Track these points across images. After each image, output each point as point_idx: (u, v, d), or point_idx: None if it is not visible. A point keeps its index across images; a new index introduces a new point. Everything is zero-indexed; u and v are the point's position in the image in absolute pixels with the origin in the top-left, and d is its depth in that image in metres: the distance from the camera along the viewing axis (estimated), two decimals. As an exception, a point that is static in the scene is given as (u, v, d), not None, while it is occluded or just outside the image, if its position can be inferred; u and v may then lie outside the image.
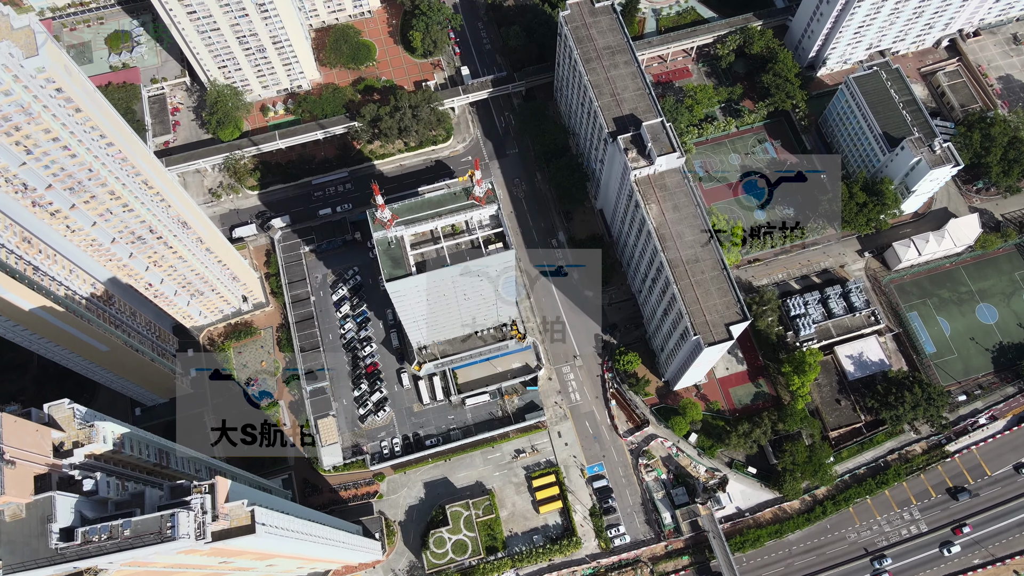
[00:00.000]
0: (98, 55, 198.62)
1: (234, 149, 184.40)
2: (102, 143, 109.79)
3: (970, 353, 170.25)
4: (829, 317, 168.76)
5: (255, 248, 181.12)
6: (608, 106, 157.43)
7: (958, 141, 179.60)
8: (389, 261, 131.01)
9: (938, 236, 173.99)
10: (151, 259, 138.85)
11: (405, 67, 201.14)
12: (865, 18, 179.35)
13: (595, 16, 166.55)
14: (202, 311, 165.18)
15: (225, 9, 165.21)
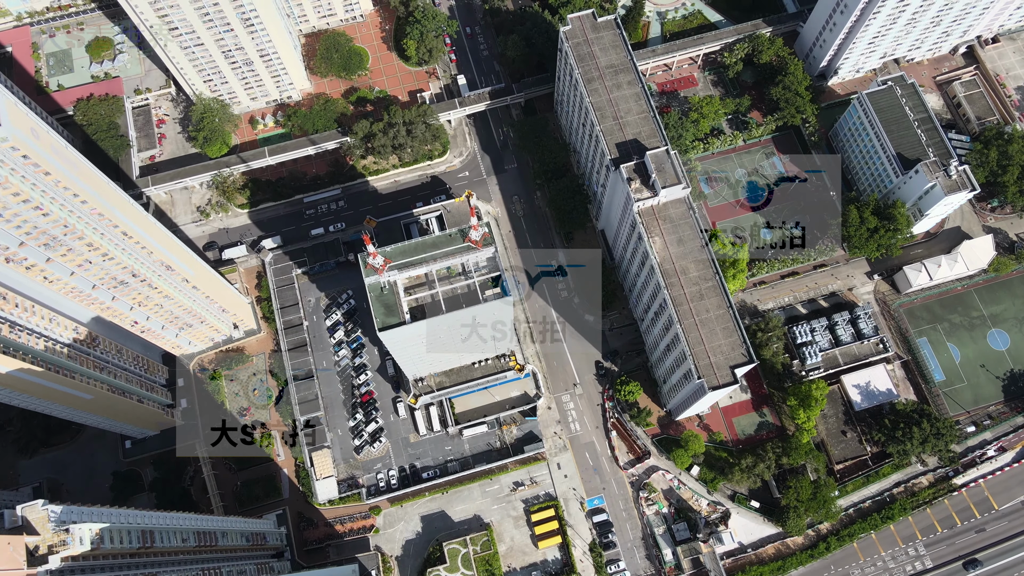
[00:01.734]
0: (79, 63, 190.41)
1: (222, 166, 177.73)
2: (76, 201, 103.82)
3: (980, 381, 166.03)
4: (836, 345, 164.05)
5: (246, 270, 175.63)
6: (610, 130, 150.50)
7: (973, 158, 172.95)
8: (382, 308, 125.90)
9: (950, 260, 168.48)
10: (135, 300, 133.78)
11: (399, 75, 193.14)
12: (881, 28, 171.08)
13: (597, 31, 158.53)
14: (191, 341, 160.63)
15: (208, 24, 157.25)
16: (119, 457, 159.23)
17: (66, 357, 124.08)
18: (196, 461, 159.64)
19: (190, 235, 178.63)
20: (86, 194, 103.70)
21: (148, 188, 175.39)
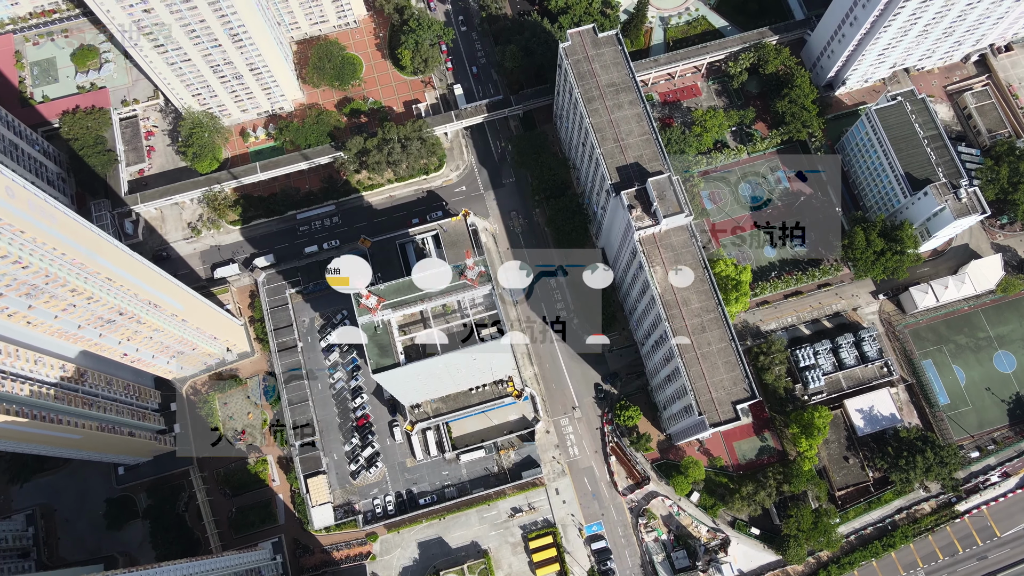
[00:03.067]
0: (64, 73, 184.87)
1: (213, 182, 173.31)
2: (56, 254, 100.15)
3: (985, 405, 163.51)
4: (840, 368, 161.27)
5: (238, 289, 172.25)
6: (611, 153, 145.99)
7: (984, 174, 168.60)
8: (376, 349, 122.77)
9: (957, 280, 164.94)
10: (123, 335, 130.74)
11: (394, 85, 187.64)
12: (892, 40, 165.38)
13: (598, 48, 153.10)
14: (183, 366, 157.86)
15: (195, 41, 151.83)
16: (112, 483, 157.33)
17: (53, 399, 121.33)
18: (191, 487, 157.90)
19: (181, 252, 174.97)
20: (66, 247, 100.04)
21: (137, 205, 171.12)
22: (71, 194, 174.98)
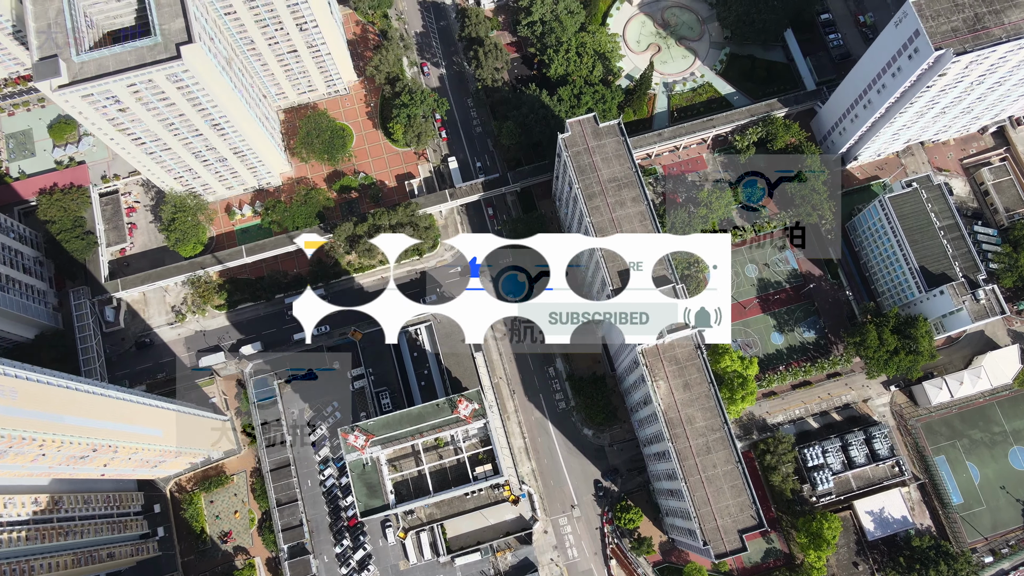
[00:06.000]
0: (41, 146, 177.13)
1: (197, 266, 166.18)
2: (22, 427, 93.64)
3: (1000, 505, 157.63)
4: (850, 467, 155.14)
5: (224, 378, 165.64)
6: (612, 255, 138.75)
7: (1002, 260, 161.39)
8: (364, 488, 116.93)
9: (973, 375, 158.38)
10: (100, 464, 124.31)
11: (386, 157, 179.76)
12: (907, 122, 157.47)
13: (599, 139, 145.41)
14: (167, 469, 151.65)
15: (174, 132, 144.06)
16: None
17: (24, 540, 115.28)
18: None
19: (165, 338, 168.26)
20: (32, 423, 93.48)
21: (118, 292, 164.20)
22: (49, 278, 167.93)
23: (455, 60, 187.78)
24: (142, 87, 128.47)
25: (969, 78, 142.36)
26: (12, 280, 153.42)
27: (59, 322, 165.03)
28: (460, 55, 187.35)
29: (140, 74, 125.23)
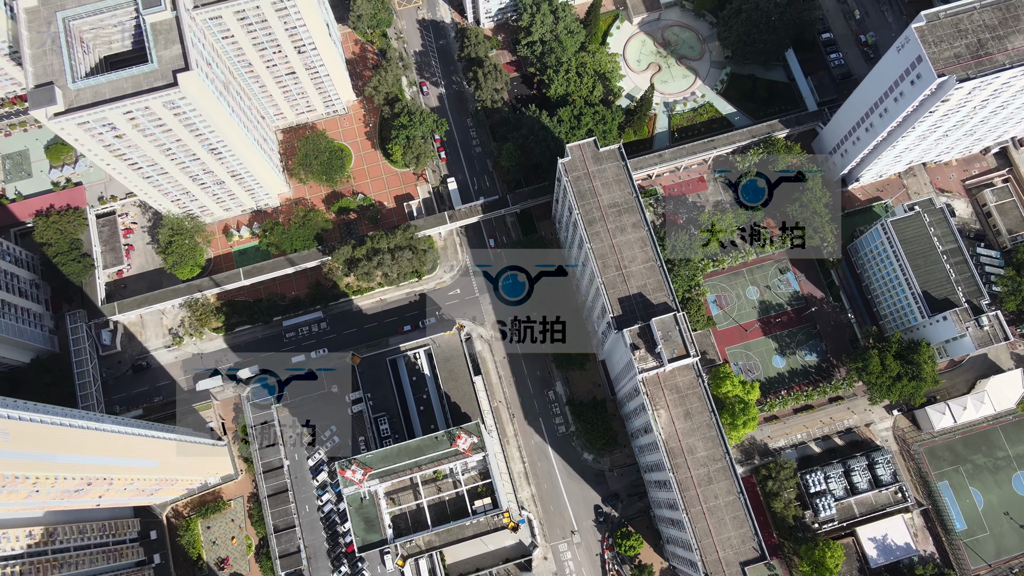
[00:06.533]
0: (38, 167, 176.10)
1: (194, 289, 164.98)
2: (16, 470, 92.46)
3: (1003, 531, 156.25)
4: (852, 493, 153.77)
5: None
6: (613, 282, 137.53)
7: (1005, 284, 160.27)
8: (362, 523, 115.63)
9: (976, 400, 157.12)
10: (96, 495, 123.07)
11: (384, 177, 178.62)
12: (910, 145, 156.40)
13: (599, 163, 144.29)
14: (163, 496, 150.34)
15: (171, 157, 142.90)
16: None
17: (19, 575, 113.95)
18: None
19: (162, 361, 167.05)
20: (24, 464, 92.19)
21: (114, 316, 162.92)
22: (45, 300, 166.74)
23: (454, 79, 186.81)
24: (139, 114, 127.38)
25: (972, 103, 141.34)
26: (8, 304, 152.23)
27: (55, 345, 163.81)
28: (459, 74, 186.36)
29: (137, 102, 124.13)
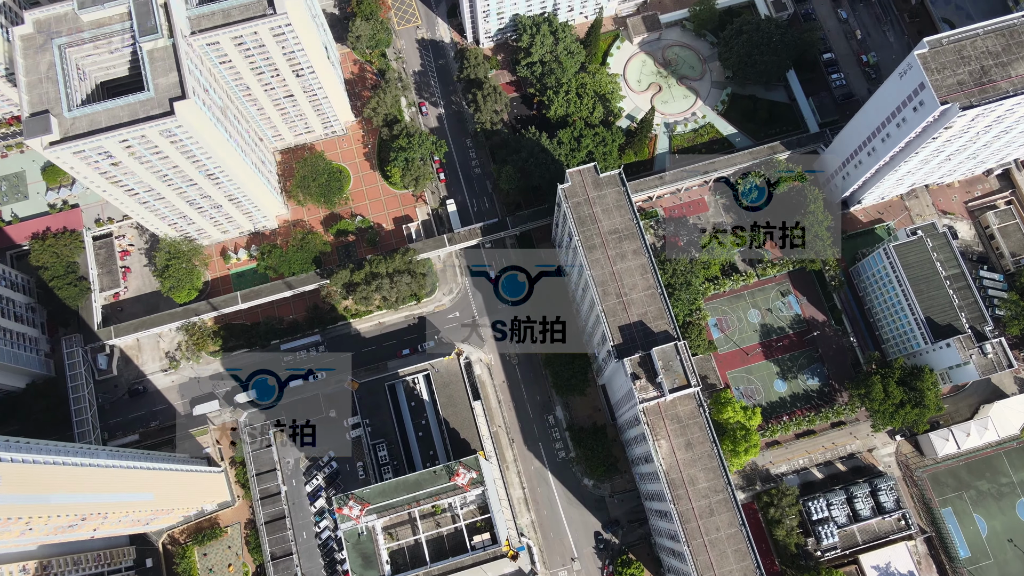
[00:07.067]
0: (34, 189, 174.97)
1: (191, 313, 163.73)
2: (10, 513, 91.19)
3: (1007, 558, 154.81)
4: (855, 520, 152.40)
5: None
6: (613, 310, 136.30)
7: (1009, 307, 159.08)
8: (359, 559, 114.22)
9: (980, 426, 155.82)
10: (91, 527, 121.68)
11: (383, 199, 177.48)
12: (912, 168, 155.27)
13: (599, 189, 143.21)
14: (159, 524, 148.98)
15: (168, 183, 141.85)
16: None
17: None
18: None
19: (158, 385, 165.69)
20: (17, 508, 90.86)
21: (111, 340, 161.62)
22: (41, 323, 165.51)
23: (454, 99, 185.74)
24: (135, 142, 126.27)
25: (975, 128, 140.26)
26: (3, 330, 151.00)
27: (51, 369, 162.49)
28: (459, 94, 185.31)
29: (133, 131, 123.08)
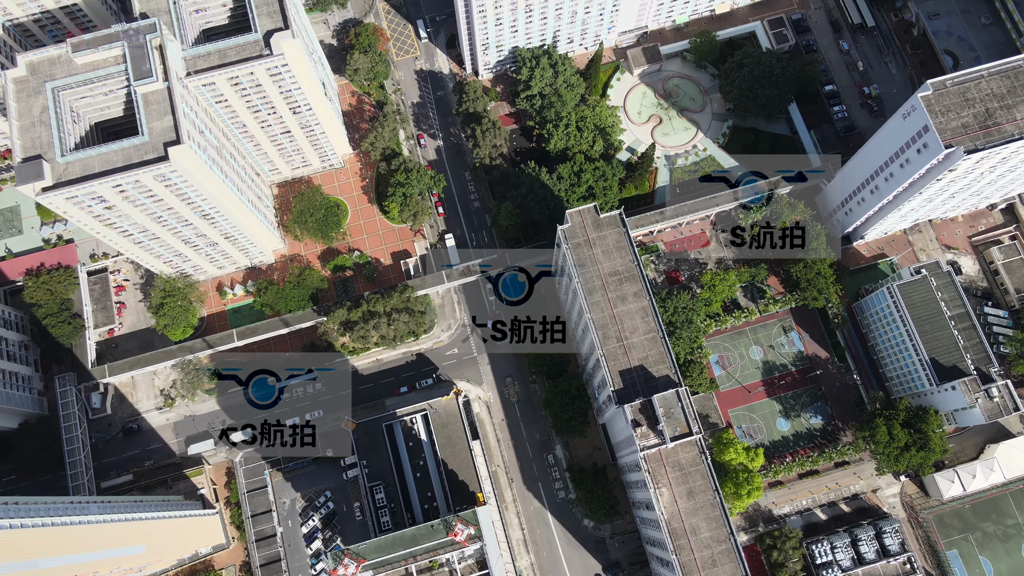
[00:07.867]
0: (28, 224, 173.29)
1: (186, 351, 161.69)
2: None
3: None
4: (860, 563, 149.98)
5: (214, 466, 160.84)
6: (613, 354, 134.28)
7: (1014, 346, 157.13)
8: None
9: (985, 468, 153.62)
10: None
11: (381, 233, 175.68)
12: (916, 206, 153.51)
13: (600, 230, 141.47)
14: (150, 571, 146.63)
15: (162, 224, 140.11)
16: None
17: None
18: None
19: (153, 424, 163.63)
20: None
21: (105, 379, 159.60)
22: (35, 361, 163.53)
23: (452, 131, 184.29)
24: (129, 187, 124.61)
25: (980, 169, 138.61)
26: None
27: (44, 407, 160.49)
28: (458, 126, 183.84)
29: (127, 176, 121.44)
